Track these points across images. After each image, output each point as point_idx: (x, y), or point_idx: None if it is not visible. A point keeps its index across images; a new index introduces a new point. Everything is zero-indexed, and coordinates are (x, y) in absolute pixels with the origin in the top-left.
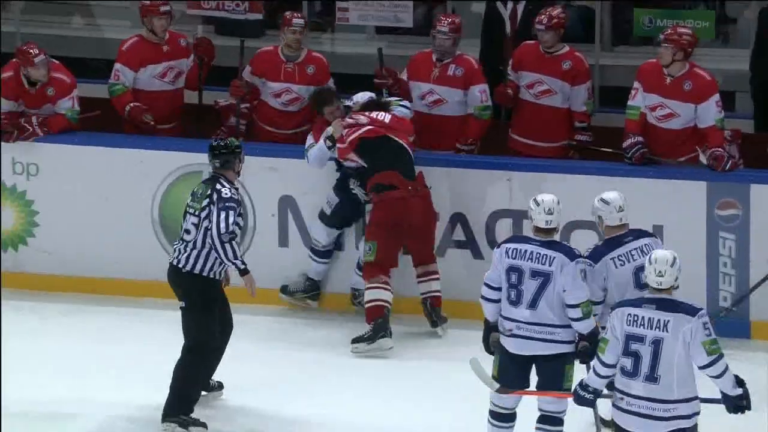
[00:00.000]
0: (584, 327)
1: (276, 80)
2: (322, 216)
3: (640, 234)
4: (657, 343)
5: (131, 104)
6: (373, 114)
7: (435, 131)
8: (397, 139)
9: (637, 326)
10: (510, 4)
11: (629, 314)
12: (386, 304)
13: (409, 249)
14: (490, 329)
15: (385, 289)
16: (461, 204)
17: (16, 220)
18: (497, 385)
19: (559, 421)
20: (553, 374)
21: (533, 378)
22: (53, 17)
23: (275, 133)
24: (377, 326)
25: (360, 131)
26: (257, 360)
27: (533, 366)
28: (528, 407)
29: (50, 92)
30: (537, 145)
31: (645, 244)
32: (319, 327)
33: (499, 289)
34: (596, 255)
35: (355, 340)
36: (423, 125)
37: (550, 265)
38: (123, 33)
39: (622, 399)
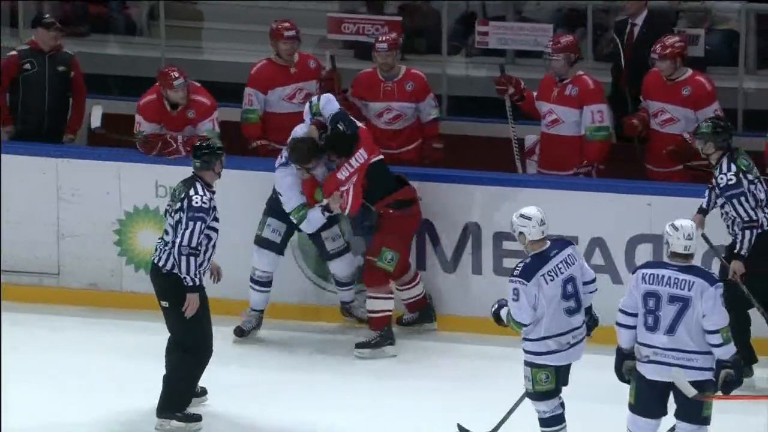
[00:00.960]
0: (724, 352)
1: (376, 100)
2: (270, 245)
3: (560, 245)
4: None
5: (259, 142)
6: (353, 163)
7: (554, 152)
8: (379, 158)
9: None
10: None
11: None
12: (390, 314)
13: None
14: (624, 357)
15: (391, 298)
16: (600, 228)
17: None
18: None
19: None
20: (692, 401)
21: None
22: (195, 42)
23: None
24: (384, 334)
25: (356, 182)
26: (247, 365)
27: (671, 393)
28: None
29: (191, 115)
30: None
31: (568, 255)
32: (315, 331)
33: (635, 315)
34: (528, 273)
35: (359, 345)
36: (543, 145)
37: (689, 290)
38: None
39: None
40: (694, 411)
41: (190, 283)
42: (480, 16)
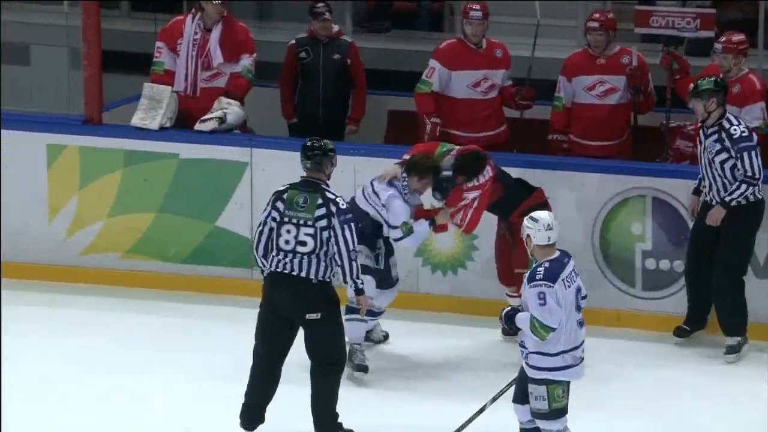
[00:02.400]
0: None
1: None
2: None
3: (567, 254)
4: None
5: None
6: (479, 178)
7: None
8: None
9: None
10: None
11: None
12: None
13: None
14: None
15: None
16: None
17: (455, 243)
18: None
19: None
20: None
21: None
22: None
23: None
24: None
25: (479, 202)
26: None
27: None
28: None
29: (498, 54)
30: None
31: (574, 265)
32: None
33: None
34: (552, 275)
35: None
36: None
37: None
38: (565, 52)
39: None
40: None
41: (361, 286)
42: None
